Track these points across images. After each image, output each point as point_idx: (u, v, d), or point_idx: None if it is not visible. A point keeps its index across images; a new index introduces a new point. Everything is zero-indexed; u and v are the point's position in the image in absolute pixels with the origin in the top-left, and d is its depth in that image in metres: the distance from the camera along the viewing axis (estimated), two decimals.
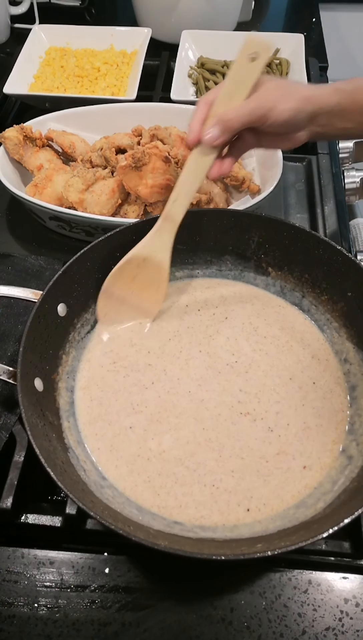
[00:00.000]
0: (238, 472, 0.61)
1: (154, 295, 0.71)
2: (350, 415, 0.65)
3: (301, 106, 0.62)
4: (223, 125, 0.62)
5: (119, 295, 0.70)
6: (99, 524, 0.53)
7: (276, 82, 0.64)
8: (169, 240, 0.68)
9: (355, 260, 0.66)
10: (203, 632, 0.56)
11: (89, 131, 0.99)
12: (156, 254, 0.68)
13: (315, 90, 0.64)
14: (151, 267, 0.69)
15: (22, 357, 0.57)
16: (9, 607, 0.57)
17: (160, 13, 1.26)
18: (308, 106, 0.63)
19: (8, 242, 0.94)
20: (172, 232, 0.67)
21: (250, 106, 0.61)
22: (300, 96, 0.63)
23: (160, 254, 0.68)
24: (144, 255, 0.68)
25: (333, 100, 0.64)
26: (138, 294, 0.71)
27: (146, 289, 0.70)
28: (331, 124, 0.65)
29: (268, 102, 0.61)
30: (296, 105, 0.62)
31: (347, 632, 0.56)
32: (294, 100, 0.62)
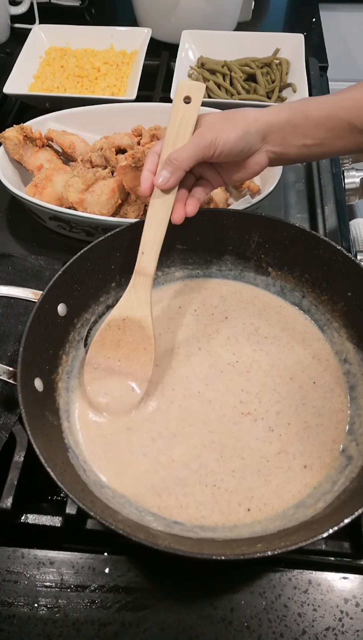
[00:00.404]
0: (239, 472, 0.61)
1: (143, 357, 0.66)
2: (350, 415, 0.65)
3: (248, 126, 0.62)
4: (172, 165, 0.61)
5: (106, 366, 0.66)
6: (99, 524, 0.53)
7: (219, 115, 0.65)
8: (146, 295, 0.65)
9: (355, 260, 0.66)
10: (203, 632, 0.56)
11: (89, 131, 0.99)
12: (134, 311, 0.65)
13: (262, 111, 0.64)
14: (133, 328, 0.65)
15: (22, 357, 0.57)
16: (9, 607, 0.57)
17: (160, 13, 1.26)
18: (255, 125, 0.62)
19: (8, 242, 0.94)
20: (147, 285, 0.65)
21: (194, 141, 0.61)
22: (245, 119, 0.62)
23: (139, 311, 0.65)
24: (123, 316, 0.65)
25: (282, 116, 0.63)
26: (126, 361, 0.66)
27: (133, 352, 0.66)
28: (287, 142, 0.64)
29: (211, 132, 0.61)
30: (243, 127, 0.61)
31: (347, 632, 0.56)
32: (239, 123, 0.62)
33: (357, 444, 0.62)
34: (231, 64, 1.14)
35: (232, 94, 1.12)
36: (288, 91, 1.12)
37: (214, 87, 1.12)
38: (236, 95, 1.11)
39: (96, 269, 0.70)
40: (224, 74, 1.14)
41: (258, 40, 1.19)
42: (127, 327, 0.65)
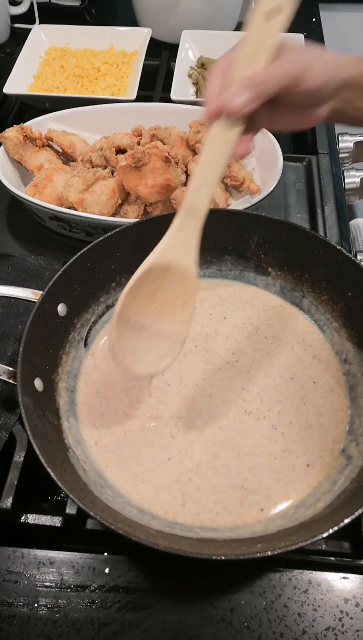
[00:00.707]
0: (255, 470, 0.61)
1: (179, 314, 0.56)
2: (350, 415, 0.65)
3: (335, 71, 0.53)
4: (256, 89, 0.50)
5: (135, 321, 0.56)
6: (99, 524, 0.52)
7: (300, 48, 0.55)
8: (194, 241, 0.54)
9: (355, 260, 0.66)
10: (203, 632, 0.56)
11: (89, 131, 0.99)
12: (180, 259, 0.54)
13: (345, 56, 0.55)
14: (174, 278, 0.55)
15: (22, 357, 0.57)
16: (9, 607, 0.57)
17: (160, 13, 1.26)
18: (341, 73, 0.54)
19: (8, 242, 0.94)
20: (196, 230, 0.54)
21: (282, 68, 0.51)
22: (329, 61, 0.54)
23: (185, 259, 0.54)
24: (166, 263, 0.54)
25: (359, 69, 0.55)
26: (158, 317, 0.56)
27: (168, 307, 0.56)
28: (351, 101, 0.57)
29: (300, 64, 0.51)
30: (330, 70, 0.53)
31: (347, 632, 0.56)
32: (325, 64, 0.53)
33: (357, 444, 0.62)
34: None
35: None
36: None
37: None
38: None
39: (96, 269, 0.70)
40: None
41: None
42: (167, 276, 0.54)
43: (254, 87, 0.51)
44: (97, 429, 0.64)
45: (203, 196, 0.53)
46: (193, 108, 0.99)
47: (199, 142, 0.91)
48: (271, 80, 0.51)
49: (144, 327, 0.56)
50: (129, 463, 0.62)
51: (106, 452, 0.63)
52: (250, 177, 0.91)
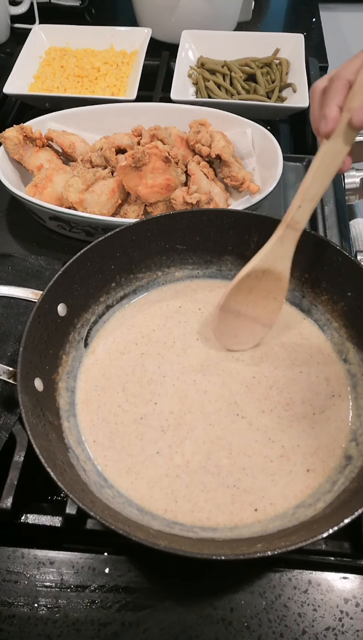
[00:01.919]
0: (249, 470, 0.61)
1: (271, 305, 0.68)
2: (350, 416, 0.65)
3: None
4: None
5: (234, 309, 0.68)
6: (99, 524, 0.53)
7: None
8: (291, 250, 0.64)
9: (355, 260, 0.66)
10: (203, 632, 0.56)
11: (89, 131, 0.99)
12: (277, 264, 0.65)
13: None
14: (270, 278, 0.66)
15: (22, 357, 0.57)
16: (9, 607, 0.57)
17: (160, 13, 1.26)
18: None
19: (8, 242, 0.94)
20: (294, 240, 0.64)
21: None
22: None
23: (281, 265, 0.65)
24: (266, 267, 0.65)
25: None
26: (253, 306, 0.68)
27: (262, 299, 0.68)
28: None
29: None
30: None
31: (347, 632, 0.56)
32: None
33: (357, 444, 0.62)
34: (231, 64, 1.14)
35: (232, 94, 1.12)
36: (288, 91, 1.12)
37: (214, 87, 1.12)
38: (236, 95, 1.11)
39: (96, 269, 0.70)
40: (224, 74, 1.14)
41: (258, 40, 1.19)
42: (264, 277, 0.66)
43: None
44: (95, 424, 0.65)
45: (303, 214, 0.62)
46: (193, 108, 0.99)
47: (199, 142, 0.91)
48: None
49: (241, 313, 0.68)
50: (122, 455, 0.62)
51: (103, 449, 0.63)
52: (250, 177, 0.91)
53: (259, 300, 0.68)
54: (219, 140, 0.90)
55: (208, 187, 0.87)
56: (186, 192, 0.84)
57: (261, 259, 0.65)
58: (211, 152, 0.90)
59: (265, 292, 0.67)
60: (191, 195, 0.82)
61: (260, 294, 0.67)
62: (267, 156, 0.91)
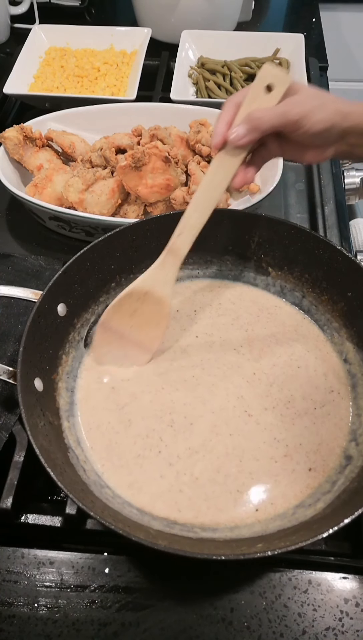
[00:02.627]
0: (255, 474, 0.61)
1: (154, 331, 0.68)
2: (350, 415, 0.65)
3: (337, 121, 0.58)
4: (251, 123, 0.58)
5: (117, 330, 0.68)
6: (99, 524, 0.53)
7: (312, 91, 0.60)
8: (173, 275, 0.65)
9: (355, 260, 0.66)
10: (203, 632, 0.56)
11: (89, 131, 0.99)
12: (157, 288, 0.66)
13: (352, 106, 0.60)
14: (152, 302, 0.66)
15: (22, 357, 0.57)
16: (9, 607, 0.57)
17: (160, 13, 1.26)
18: (344, 122, 0.59)
19: (8, 242, 0.94)
20: (176, 266, 0.65)
21: (283, 108, 0.57)
22: (336, 109, 0.59)
23: (162, 289, 0.66)
24: (146, 289, 0.65)
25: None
26: (137, 329, 0.68)
27: (145, 324, 0.68)
28: (358, 145, 0.62)
29: (303, 108, 0.57)
30: (332, 118, 0.58)
31: (347, 632, 0.56)
32: (330, 112, 0.58)
33: (357, 444, 0.62)
34: (231, 64, 1.14)
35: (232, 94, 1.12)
36: None
37: (214, 87, 1.12)
38: None
39: (96, 269, 0.70)
40: (224, 74, 1.14)
41: (258, 40, 1.19)
42: (146, 300, 0.66)
43: (249, 123, 0.58)
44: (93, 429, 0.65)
45: (185, 241, 0.63)
46: (193, 108, 0.99)
47: (199, 142, 0.91)
48: (266, 118, 0.57)
49: (123, 336, 0.68)
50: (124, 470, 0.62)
51: (101, 455, 0.63)
52: None
53: (142, 326, 0.68)
54: None
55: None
56: (186, 192, 0.84)
57: (141, 280, 0.65)
58: (211, 152, 0.90)
59: (148, 317, 0.67)
60: (191, 195, 0.82)
61: (144, 318, 0.67)
62: None
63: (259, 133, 0.59)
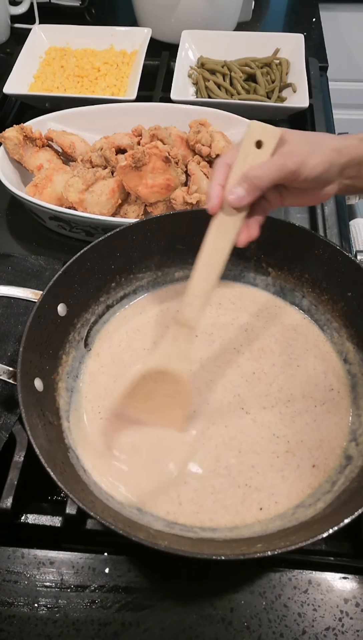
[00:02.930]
0: (258, 468, 0.61)
1: (175, 412, 0.63)
2: (350, 415, 0.65)
3: (333, 159, 0.58)
4: (250, 182, 0.55)
5: (135, 419, 0.63)
6: (99, 524, 0.53)
7: (303, 136, 0.59)
8: (188, 349, 0.60)
9: (355, 260, 0.66)
10: (203, 632, 0.56)
11: (89, 131, 0.99)
12: (173, 365, 0.60)
13: (343, 141, 0.60)
14: (169, 381, 0.61)
15: (22, 357, 0.57)
16: (9, 607, 0.57)
17: (160, 13, 1.26)
18: (340, 158, 0.58)
19: (8, 242, 0.94)
20: (189, 338, 0.60)
21: (279, 162, 0.56)
22: (329, 149, 0.58)
23: (178, 365, 0.60)
24: (161, 369, 0.60)
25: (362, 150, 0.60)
26: (157, 413, 0.63)
27: (165, 405, 0.63)
28: (359, 176, 0.61)
29: (298, 157, 0.56)
30: (328, 159, 0.57)
31: (347, 632, 0.56)
32: (324, 153, 0.57)
33: (357, 444, 0.62)
34: (231, 64, 1.14)
35: (232, 94, 1.12)
36: (288, 91, 1.12)
37: (214, 87, 1.12)
38: (236, 95, 1.11)
39: (96, 269, 0.70)
40: (224, 74, 1.14)
41: (258, 40, 1.19)
42: (162, 379, 0.61)
43: (248, 182, 0.55)
44: None
45: (196, 310, 0.59)
46: (193, 108, 0.99)
47: (199, 142, 0.91)
48: (265, 175, 0.55)
49: (143, 424, 0.63)
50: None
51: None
52: None
53: (163, 409, 0.63)
54: (220, 140, 0.90)
55: (208, 187, 0.87)
56: (186, 192, 0.84)
57: (153, 360, 0.60)
58: (211, 152, 0.90)
59: (167, 398, 0.62)
60: (191, 195, 0.82)
61: (163, 400, 0.62)
62: None
63: (259, 191, 0.57)
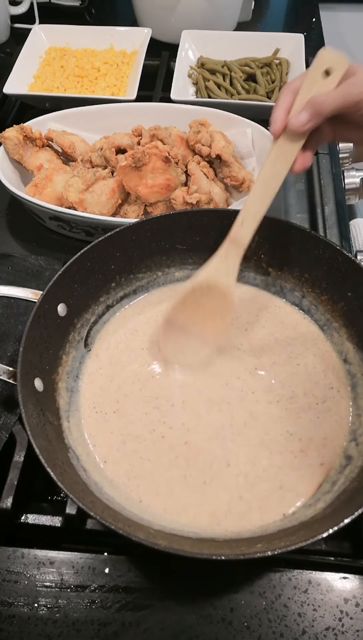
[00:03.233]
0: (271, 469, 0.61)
1: (218, 324, 0.68)
2: (350, 415, 0.65)
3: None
4: (314, 108, 0.58)
5: (181, 325, 0.68)
6: (99, 524, 0.53)
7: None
8: (236, 265, 0.65)
9: (355, 260, 0.66)
10: (203, 632, 0.56)
11: (89, 131, 0.99)
12: (221, 280, 0.65)
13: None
14: (216, 295, 0.66)
15: (22, 357, 0.57)
16: (9, 607, 0.57)
17: (160, 13, 1.26)
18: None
19: (8, 242, 0.94)
20: (238, 256, 0.65)
21: (344, 90, 0.58)
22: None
23: (226, 280, 0.65)
24: (209, 282, 0.65)
25: None
26: (201, 323, 0.68)
27: (209, 317, 0.67)
28: None
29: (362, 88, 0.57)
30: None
31: (347, 632, 0.56)
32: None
33: (357, 444, 0.62)
34: (231, 64, 1.14)
35: (232, 94, 1.12)
36: None
37: (214, 87, 1.12)
38: (236, 95, 1.11)
39: (96, 269, 0.70)
40: (224, 74, 1.14)
41: (258, 40, 1.19)
42: (209, 293, 0.65)
43: (312, 108, 0.58)
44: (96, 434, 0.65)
45: (247, 230, 0.63)
46: (193, 108, 0.99)
47: (199, 142, 0.91)
48: (328, 102, 0.57)
49: (188, 330, 0.68)
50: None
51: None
52: (250, 177, 0.91)
53: (207, 319, 0.67)
54: (220, 140, 0.90)
55: (208, 187, 0.87)
56: (186, 192, 0.84)
57: (205, 273, 0.65)
58: (211, 152, 0.90)
59: (212, 310, 0.67)
60: (191, 195, 0.82)
61: (207, 312, 0.67)
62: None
63: (322, 118, 0.59)
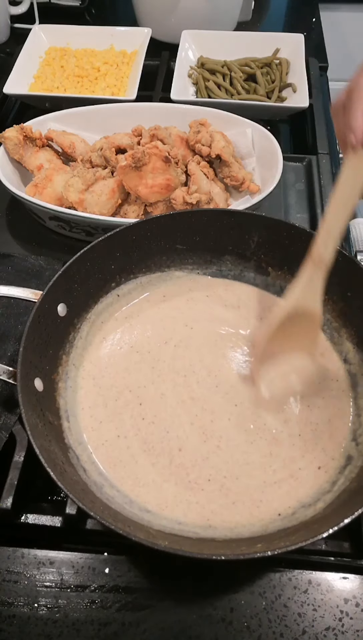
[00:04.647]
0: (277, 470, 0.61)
1: (305, 342, 0.68)
2: (350, 415, 0.65)
3: None
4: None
5: (268, 350, 0.67)
6: (99, 524, 0.52)
7: None
8: (321, 287, 0.63)
9: (355, 260, 0.66)
10: (203, 632, 0.56)
11: (89, 131, 0.99)
12: (309, 304, 0.64)
13: None
14: (303, 318, 0.64)
15: (22, 357, 0.57)
16: (9, 607, 0.57)
17: (160, 13, 1.26)
18: None
19: (8, 242, 0.94)
20: (322, 278, 0.63)
21: None
22: None
23: (314, 304, 0.64)
24: (297, 309, 0.64)
25: None
26: (288, 346, 0.67)
27: (296, 339, 0.67)
28: None
29: None
30: None
31: (347, 632, 0.56)
32: None
33: (357, 444, 0.62)
34: (231, 64, 1.14)
35: (232, 94, 1.12)
36: (288, 91, 1.12)
37: (214, 87, 1.12)
38: (236, 95, 1.11)
39: (96, 269, 0.70)
40: (224, 74, 1.14)
41: (258, 40, 1.19)
42: (297, 317, 0.64)
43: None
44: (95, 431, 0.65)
45: (330, 248, 0.61)
46: (193, 108, 0.99)
47: (199, 142, 0.91)
48: None
49: (275, 354, 0.68)
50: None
51: None
52: (250, 177, 0.91)
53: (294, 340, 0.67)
54: (219, 140, 0.90)
55: (208, 187, 0.87)
56: (186, 192, 0.84)
57: (291, 299, 0.64)
58: (211, 152, 0.90)
59: (299, 332, 0.66)
60: (191, 195, 0.82)
61: (294, 333, 0.66)
62: (267, 156, 0.91)
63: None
